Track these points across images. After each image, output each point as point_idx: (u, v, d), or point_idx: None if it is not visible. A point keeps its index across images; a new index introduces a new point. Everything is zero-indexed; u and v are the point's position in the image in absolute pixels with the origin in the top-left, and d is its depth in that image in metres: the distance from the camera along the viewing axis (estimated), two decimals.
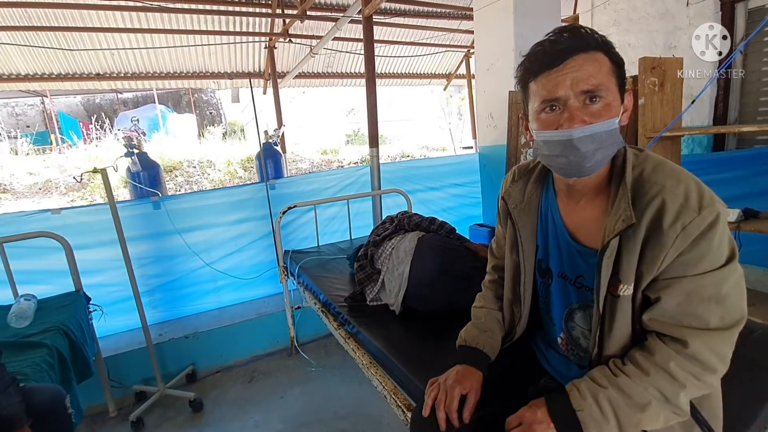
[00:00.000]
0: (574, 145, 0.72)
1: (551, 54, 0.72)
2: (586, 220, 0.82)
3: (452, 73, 7.93)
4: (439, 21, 5.88)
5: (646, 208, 0.71)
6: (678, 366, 0.70)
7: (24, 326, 1.68)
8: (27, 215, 2.44)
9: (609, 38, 0.77)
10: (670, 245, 0.69)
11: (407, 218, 1.97)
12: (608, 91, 0.72)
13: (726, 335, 0.70)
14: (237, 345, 2.64)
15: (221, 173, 8.80)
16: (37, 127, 11.38)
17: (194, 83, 6.47)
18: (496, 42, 2.70)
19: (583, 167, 0.74)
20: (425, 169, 3.88)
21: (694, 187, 0.70)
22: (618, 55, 0.75)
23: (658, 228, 0.69)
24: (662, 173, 0.73)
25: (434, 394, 0.91)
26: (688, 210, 0.68)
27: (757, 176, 2.37)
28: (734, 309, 0.70)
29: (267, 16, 4.94)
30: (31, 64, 5.16)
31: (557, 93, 0.72)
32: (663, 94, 2.03)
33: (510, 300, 1.00)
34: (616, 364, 0.76)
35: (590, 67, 0.71)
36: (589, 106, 0.72)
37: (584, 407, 0.72)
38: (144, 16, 4.72)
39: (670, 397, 0.70)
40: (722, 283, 0.69)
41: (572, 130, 0.71)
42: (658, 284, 0.72)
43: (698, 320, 0.70)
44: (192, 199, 2.94)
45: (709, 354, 0.69)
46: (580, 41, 0.72)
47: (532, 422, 0.75)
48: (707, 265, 0.69)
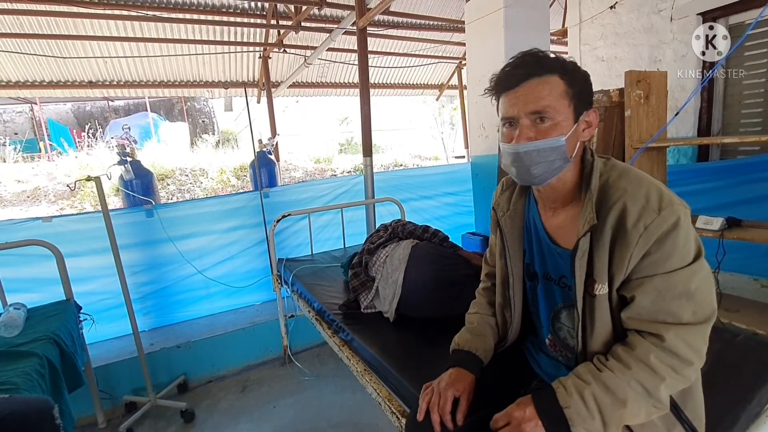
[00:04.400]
0: (520, 157, 0.82)
1: (510, 77, 0.82)
2: (562, 223, 0.89)
3: (445, 83, 8.05)
4: (432, 33, 5.99)
5: (610, 211, 0.77)
6: (657, 359, 0.74)
7: (14, 335, 1.66)
8: (17, 223, 2.42)
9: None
10: (635, 245, 0.74)
11: (401, 226, 1.99)
12: (556, 112, 0.79)
13: (699, 329, 0.75)
14: (229, 354, 2.62)
15: (214, 182, 8.76)
16: (26, 134, 11.25)
17: (188, 92, 6.47)
18: (487, 54, 2.77)
19: (530, 176, 0.84)
20: (418, 178, 3.92)
21: (655, 191, 0.76)
22: (578, 75, 0.82)
23: (622, 229, 0.76)
24: (626, 179, 0.80)
25: (428, 398, 0.93)
26: (649, 211, 0.74)
27: (740, 186, 2.43)
28: (705, 304, 0.75)
29: (262, 26, 4.99)
30: (22, 71, 5.13)
31: (512, 112, 0.82)
32: (648, 106, 2.09)
33: (501, 305, 1.03)
34: (600, 359, 0.80)
35: (541, 90, 0.79)
36: (537, 125, 0.80)
37: (570, 404, 0.75)
38: (138, 24, 4.73)
39: (652, 390, 0.74)
40: (691, 280, 0.74)
41: (518, 144, 0.81)
42: (632, 284, 0.77)
43: (672, 316, 0.74)
44: (186, 208, 2.94)
45: (685, 347, 0.74)
46: (535, 66, 0.80)
47: (521, 420, 0.78)
48: (675, 263, 0.74)
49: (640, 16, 3.36)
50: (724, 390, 0.99)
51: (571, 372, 0.81)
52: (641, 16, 3.36)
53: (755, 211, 2.17)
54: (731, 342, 1.17)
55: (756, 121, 2.89)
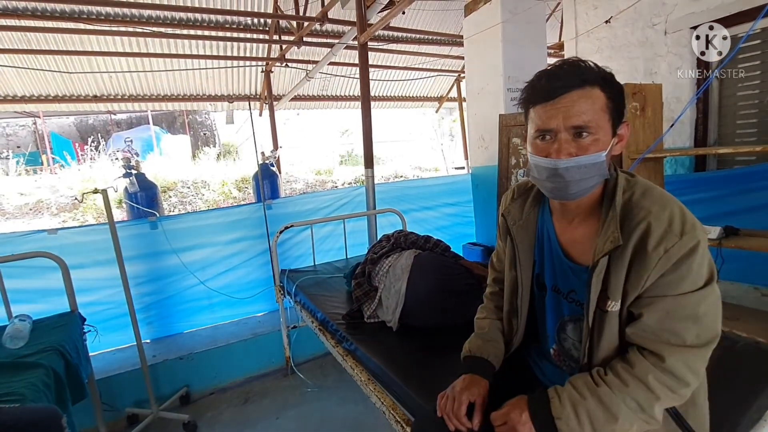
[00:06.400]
0: (559, 173, 0.78)
1: (548, 88, 0.78)
2: (579, 238, 0.88)
3: (444, 96, 8.15)
4: (431, 47, 6.09)
5: (633, 231, 0.76)
6: (655, 379, 0.75)
7: (19, 347, 1.67)
8: (22, 235, 2.44)
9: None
10: (653, 267, 0.74)
11: (403, 237, 2.01)
12: (597, 127, 0.77)
13: (701, 352, 0.76)
14: (232, 366, 2.62)
15: (215, 194, 8.81)
16: (29, 147, 11.35)
17: (191, 105, 6.56)
18: (485, 67, 2.83)
19: (567, 193, 0.81)
20: (419, 189, 3.95)
21: (678, 213, 0.76)
22: (616, 89, 0.79)
23: (643, 250, 0.75)
24: (650, 198, 0.78)
25: (443, 402, 0.94)
26: (671, 235, 0.73)
27: (737, 195, 2.47)
28: (710, 328, 0.76)
29: (265, 42, 5.08)
30: (28, 85, 5.22)
31: (550, 125, 0.78)
32: (645, 118, 2.13)
33: (508, 312, 1.04)
34: (599, 373, 0.81)
35: (583, 104, 0.76)
36: (577, 139, 0.77)
37: (562, 416, 0.77)
38: (143, 40, 4.83)
39: (646, 408, 0.75)
40: (700, 304, 0.75)
41: (559, 160, 0.77)
42: (642, 301, 0.78)
43: (676, 337, 0.75)
44: (190, 219, 2.97)
45: (684, 369, 0.75)
46: (576, 77, 0.76)
47: (516, 423, 0.80)
48: (687, 286, 0.74)
49: (635, 30, 3.44)
50: (724, 396, 1.00)
51: (567, 381, 0.82)
52: (636, 30, 3.43)
53: (753, 220, 2.20)
54: (731, 349, 1.18)
55: (751, 132, 2.94)
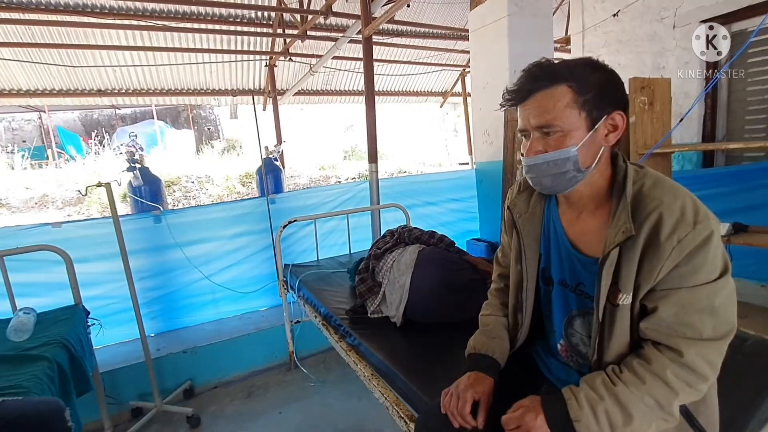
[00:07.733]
0: (531, 169, 0.85)
1: (519, 91, 0.83)
2: (587, 230, 0.87)
3: (448, 90, 8.11)
4: (436, 41, 6.05)
5: (644, 221, 0.75)
6: (674, 374, 0.73)
7: (23, 339, 1.67)
8: (26, 229, 2.45)
9: (600, 59, 0.83)
10: (666, 257, 0.73)
11: (407, 232, 2.00)
12: (564, 123, 0.79)
13: (718, 345, 0.74)
14: (235, 360, 2.63)
15: (219, 188, 8.83)
16: (34, 141, 11.40)
17: (195, 100, 6.56)
18: (491, 62, 2.79)
19: (544, 186, 0.86)
20: (423, 185, 3.94)
21: (690, 203, 0.75)
22: (592, 79, 0.79)
23: (656, 240, 0.74)
24: (661, 189, 0.78)
25: (446, 400, 0.93)
26: (684, 224, 0.72)
27: (746, 191, 2.43)
28: (726, 321, 0.74)
29: (269, 35, 5.06)
30: (33, 79, 5.23)
31: (524, 125, 0.84)
32: (653, 113, 2.10)
33: (514, 307, 1.03)
34: (615, 371, 0.79)
35: (546, 103, 0.79)
36: (545, 137, 0.81)
37: (581, 418, 0.75)
38: (147, 34, 4.81)
39: (664, 405, 0.74)
40: (716, 296, 0.73)
41: (527, 158, 0.84)
42: (656, 294, 0.76)
43: (692, 330, 0.73)
44: (194, 214, 2.97)
45: (703, 363, 0.73)
46: (541, 80, 0.80)
47: (531, 427, 0.78)
48: (702, 277, 0.73)
49: (643, 23, 3.39)
50: (733, 395, 0.98)
51: (582, 380, 0.80)
52: (644, 23, 3.38)
53: (762, 217, 2.17)
54: (740, 347, 1.17)
55: (760, 127, 2.89)
